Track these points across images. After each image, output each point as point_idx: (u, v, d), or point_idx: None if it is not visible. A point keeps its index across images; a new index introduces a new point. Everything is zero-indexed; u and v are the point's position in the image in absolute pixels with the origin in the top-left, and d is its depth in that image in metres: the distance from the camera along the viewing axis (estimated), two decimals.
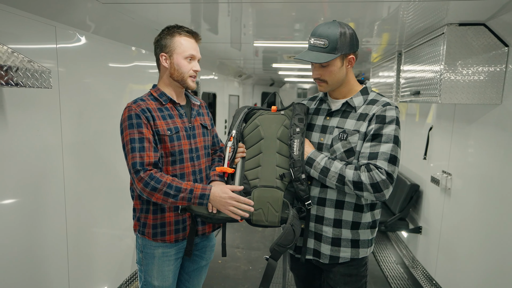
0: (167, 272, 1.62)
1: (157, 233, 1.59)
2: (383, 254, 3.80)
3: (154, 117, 1.53)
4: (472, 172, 2.47)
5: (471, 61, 2.22)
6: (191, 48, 1.57)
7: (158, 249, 1.60)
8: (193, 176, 1.62)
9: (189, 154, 1.61)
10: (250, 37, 3.35)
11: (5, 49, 1.55)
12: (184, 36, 1.56)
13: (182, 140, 1.58)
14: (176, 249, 1.64)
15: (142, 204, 1.62)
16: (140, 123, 1.48)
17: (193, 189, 1.46)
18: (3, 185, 1.71)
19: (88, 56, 2.30)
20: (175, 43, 1.55)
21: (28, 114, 1.83)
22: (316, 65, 1.49)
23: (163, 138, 1.54)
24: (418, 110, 3.67)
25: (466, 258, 2.48)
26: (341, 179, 1.42)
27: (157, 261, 1.61)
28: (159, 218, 1.59)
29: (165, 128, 1.54)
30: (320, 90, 1.58)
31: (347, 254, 1.54)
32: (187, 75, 1.58)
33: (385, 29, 2.76)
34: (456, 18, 2.17)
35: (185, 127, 1.62)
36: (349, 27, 1.47)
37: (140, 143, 1.47)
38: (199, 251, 1.74)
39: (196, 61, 1.60)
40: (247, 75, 7.87)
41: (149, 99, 1.58)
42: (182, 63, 1.56)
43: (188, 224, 1.64)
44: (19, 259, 1.81)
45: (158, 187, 1.43)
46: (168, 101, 1.60)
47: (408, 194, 3.43)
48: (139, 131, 1.48)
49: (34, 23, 1.84)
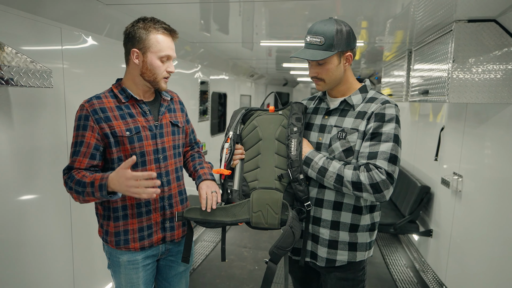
0: (135, 280, 1.52)
1: (120, 241, 1.49)
2: (392, 257, 3.72)
3: (109, 117, 1.41)
4: (484, 174, 2.37)
5: (482, 59, 2.14)
6: (168, 47, 1.42)
7: (123, 256, 1.50)
8: (158, 178, 1.48)
9: (153, 156, 1.49)
10: (260, 37, 3.35)
11: (10, 50, 1.60)
12: (162, 33, 1.41)
13: (144, 140, 1.46)
14: (144, 256, 1.53)
15: (103, 210, 1.51)
16: (86, 126, 1.38)
17: (93, 182, 1.30)
18: (9, 183, 1.76)
19: (93, 57, 2.35)
20: (150, 40, 1.39)
21: (34, 113, 1.88)
22: (313, 63, 1.46)
23: (121, 140, 1.42)
24: (431, 110, 3.57)
25: (477, 263, 2.39)
26: (340, 179, 1.38)
27: (123, 269, 1.51)
28: (121, 226, 1.49)
29: (123, 129, 1.42)
30: (317, 89, 1.55)
31: (344, 258, 1.50)
32: (160, 77, 1.45)
33: (396, 27, 2.71)
34: (465, 15, 2.10)
35: (149, 126, 1.49)
36: (345, 24, 1.44)
37: (78, 147, 1.38)
38: (174, 257, 1.64)
39: (171, 61, 1.47)
40: (259, 75, 7.86)
41: (107, 96, 1.46)
42: (156, 64, 1.41)
43: (155, 230, 1.52)
44: (24, 255, 1.86)
45: (73, 187, 1.34)
46: (128, 99, 1.46)
47: (418, 196, 3.34)
48: (82, 134, 1.38)
49: (40, 24, 1.89)
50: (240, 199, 1.54)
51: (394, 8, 2.22)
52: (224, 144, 1.56)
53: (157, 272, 1.67)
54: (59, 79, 2.03)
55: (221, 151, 1.57)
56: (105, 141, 1.41)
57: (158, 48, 1.40)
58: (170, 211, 1.55)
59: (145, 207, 1.50)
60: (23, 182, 1.85)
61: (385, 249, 3.92)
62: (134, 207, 1.48)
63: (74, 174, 1.37)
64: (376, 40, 3.37)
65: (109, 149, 1.42)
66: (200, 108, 4.74)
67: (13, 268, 1.80)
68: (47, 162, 1.99)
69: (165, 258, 1.64)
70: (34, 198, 1.92)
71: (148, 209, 1.50)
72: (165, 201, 1.54)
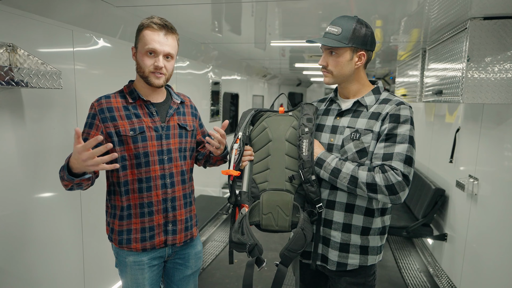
0: (141, 280, 1.53)
1: (123, 240, 1.50)
2: (406, 260, 3.64)
3: (114, 117, 1.44)
4: (501, 177, 2.29)
5: (499, 58, 2.07)
6: (152, 40, 1.41)
7: (129, 257, 1.52)
8: (162, 180, 1.51)
9: (157, 156, 1.49)
10: (273, 37, 3.33)
11: (22, 52, 1.65)
12: (149, 28, 1.41)
13: (148, 141, 1.47)
14: (149, 258, 1.53)
15: (111, 208, 1.53)
16: (92, 124, 1.44)
17: (65, 166, 1.32)
18: (21, 182, 1.81)
19: (105, 58, 2.39)
20: (140, 36, 1.43)
21: (45, 114, 1.93)
22: (326, 52, 1.46)
23: (125, 139, 1.44)
24: (447, 111, 3.47)
25: (493, 269, 2.31)
26: (354, 180, 1.35)
27: (129, 269, 1.52)
28: (125, 225, 1.50)
29: (127, 128, 1.44)
30: (324, 81, 1.52)
31: (355, 261, 1.47)
32: (147, 71, 1.44)
33: (410, 25, 2.66)
34: (480, 12, 2.03)
35: (155, 127, 1.50)
36: (368, 26, 1.43)
37: None
38: (181, 260, 1.64)
39: (160, 57, 1.43)
40: (272, 75, 7.84)
41: (116, 96, 1.50)
42: (141, 58, 1.43)
43: (157, 233, 1.52)
44: (36, 253, 1.90)
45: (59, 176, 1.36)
46: (136, 100, 1.50)
47: (432, 199, 3.25)
48: (87, 132, 1.44)
49: (53, 27, 1.93)
50: (249, 201, 1.51)
51: (410, 6, 2.18)
52: (233, 144, 1.53)
53: (165, 273, 1.68)
54: (70, 80, 2.07)
55: (230, 152, 1.54)
56: (109, 140, 1.44)
57: (144, 42, 1.42)
58: (173, 213, 1.54)
59: (147, 208, 1.50)
60: (34, 181, 1.89)
61: (398, 252, 3.84)
62: (137, 207, 1.49)
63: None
64: (391, 39, 3.31)
65: (113, 148, 1.43)
66: (212, 108, 4.76)
67: (25, 265, 1.84)
68: (58, 162, 2.02)
69: (172, 261, 1.64)
70: (45, 197, 1.97)
71: (151, 210, 1.51)
72: (168, 203, 1.53)
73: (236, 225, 1.45)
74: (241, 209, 1.51)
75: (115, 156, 1.24)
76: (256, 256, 1.41)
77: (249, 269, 1.41)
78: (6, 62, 1.53)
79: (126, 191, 1.48)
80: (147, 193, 1.48)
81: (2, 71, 1.45)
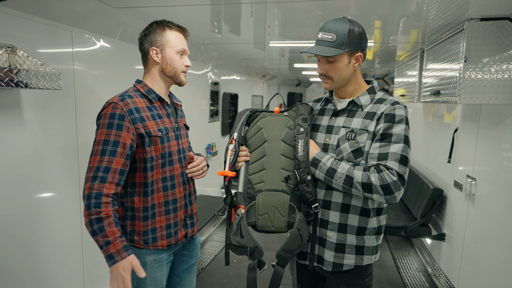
0: (159, 277, 1.54)
1: (149, 240, 1.49)
2: (404, 260, 3.65)
3: (143, 117, 1.43)
4: (498, 177, 2.30)
5: (496, 59, 2.08)
6: (182, 42, 1.53)
7: (149, 256, 1.51)
8: (182, 177, 1.57)
9: (177, 155, 1.56)
10: (273, 37, 3.34)
11: (22, 53, 1.66)
12: (175, 30, 1.53)
13: (171, 141, 1.53)
14: (168, 254, 1.58)
15: (126, 211, 1.49)
16: (121, 126, 1.37)
17: (109, 242, 1.30)
18: (21, 182, 1.82)
19: (105, 59, 2.40)
20: (167, 36, 1.50)
21: (44, 115, 1.93)
22: (323, 60, 1.45)
23: (154, 140, 1.45)
24: (445, 111, 3.48)
25: (491, 269, 2.32)
26: (349, 180, 1.36)
27: (149, 269, 1.50)
28: (149, 224, 1.49)
29: (155, 129, 1.46)
30: (325, 87, 1.53)
31: (351, 262, 1.47)
32: (179, 70, 1.53)
33: (409, 26, 2.67)
34: (477, 13, 2.04)
35: (173, 127, 1.56)
36: (358, 25, 1.43)
37: (111, 146, 1.35)
38: (187, 251, 1.70)
39: (186, 56, 1.56)
40: (271, 76, 7.85)
41: (137, 95, 1.47)
42: (174, 57, 1.51)
43: (179, 228, 1.57)
44: (36, 252, 1.91)
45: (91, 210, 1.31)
46: (156, 99, 1.52)
47: (430, 199, 3.26)
48: (117, 134, 1.36)
49: (52, 28, 1.94)
50: (245, 201, 1.52)
51: (408, 7, 2.19)
52: (229, 145, 1.54)
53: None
54: (69, 81, 2.08)
55: (225, 153, 1.55)
56: (138, 141, 1.42)
57: (175, 43, 1.51)
58: (190, 208, 1.63)
59: (172, 205, 1.54)
60: (33, 181, 1.90)
61: (396, 252, 3.85)
62: (162, 205, 1.52)
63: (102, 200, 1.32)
64: (390, 40, 3.32)
65: (143, 148, 1.43)
66: (211, 108, 4.77)
67: (26, 264, 1.85)
68: (57, 163, 2.04)
69: (179, 253, 1.67)
70: (44, 198, 1.97)
71: (175, 206, 1.55)
72: (187, 198, 1.61)
73: (235, 227, 1.45)
74: (237, 210, 1.52)
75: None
76: (257, 258, 1.42)
77: (251, 273, 1.42)
78: (6, 63, 1.54)
79: (152, 191, 1.48)
80: (172, 190, 1.53)
81: (2, 72, 1.46)
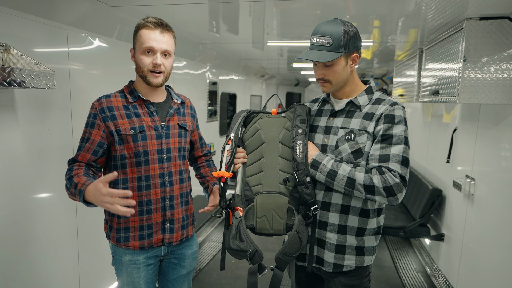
0: (137, 279, 1.53)
1: (121, 238, 1.51)
2: (403, 261, 3.64)
3: (115, 116, 1.47)
4: (497, 177, 2.29)
5: (495, 58, 2.06)
6: (149, 39, 1.43)
7: (125, 256, 1.53)
8: (161, 178, 1.52)
9: (157, 155, 1.51)
10: (271, 37, 3.32)
11: (15, 52, 1.63)
12: (145, 28, 1.44)
13: (148, 140, 1.49)
14: (145, 257, 1.54)
15: None
16: (94, 123, 1.47)
17: (77, 184, 1.34)
18: (16, 182, 1.79)
19: (101, 58, 2.37)
20: (137, 36, 1.46)
21: (39, 114, 1.91)
22: (320, 64, 1.43)
23: (125, 138, 1.47)
24: (444, 111, 3.47)
25: (490, 269, 2.31)
26: (351, 182, 1.34)
27: (125, 268, 1.53)
28: (122, 222, 1.51)
29: (127, 127, 1.47)
30: (323, 91, 1.51)
31: (351, 262, 1.46)
32: (146, 70, 1.46)
33: (408, 26, 2.67)
34: (476, 12, 2.03)
35: (155, 126, 1.52)
36: (351, 25, 1.41)
37: (84, 143, 1.47)
38: (176, 259, 1.65)
39: (158, 54, 1.45)
40: (270, 75, 7.83)
41: (117, 95, 1.52)
42: (140, 57, 1.46)
43: (155, 231, 1.53)
44: (31, 253, 1.89)
45: (66, 181, 1.41)
46: (136, 99, 1.52)
47: (429, 199, 3.25)
48: (89, 132, 1.47)
49: (47, 27, 1.91)
50: (243, 204, 1.49)
51: (407, 6, 2.18)
52: (225, 146, 1.51)
53: (160, 272, 1.68)
54: (65, 81, 2.06)
55: (222, 153, 1.52)
56: (110, 139, 1.48)
57: (141, 41, 1.45)
58: (170, 212, 1.55)
59: (146, 206, 1.51)
60: (28, 181, 1.88)
61: (395, 252, 3.84)
62: (136, 205, 1.49)
63: (74, 168, 1.44)
64: (389, 39, 3.31)
65: (114, 146, 1.48)
66: (209, 108, 4.75)
67: (20, 265, 1.83)
68: (53, 162, 2.02)
69: (168, 260, 1.64)
70: (39, 197, 1.95)
71: (149, 208, 1.52)
72: (167, 201, 1.54)
73: (234, 231, 1.43)
74: (235, 212, 1.49)
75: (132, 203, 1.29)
76: (257, 262, 1.40)
77: (252, 277, 1.40)
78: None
79: (127, 189, 1.45)
80: (146, 191, 1.50)
81: None
